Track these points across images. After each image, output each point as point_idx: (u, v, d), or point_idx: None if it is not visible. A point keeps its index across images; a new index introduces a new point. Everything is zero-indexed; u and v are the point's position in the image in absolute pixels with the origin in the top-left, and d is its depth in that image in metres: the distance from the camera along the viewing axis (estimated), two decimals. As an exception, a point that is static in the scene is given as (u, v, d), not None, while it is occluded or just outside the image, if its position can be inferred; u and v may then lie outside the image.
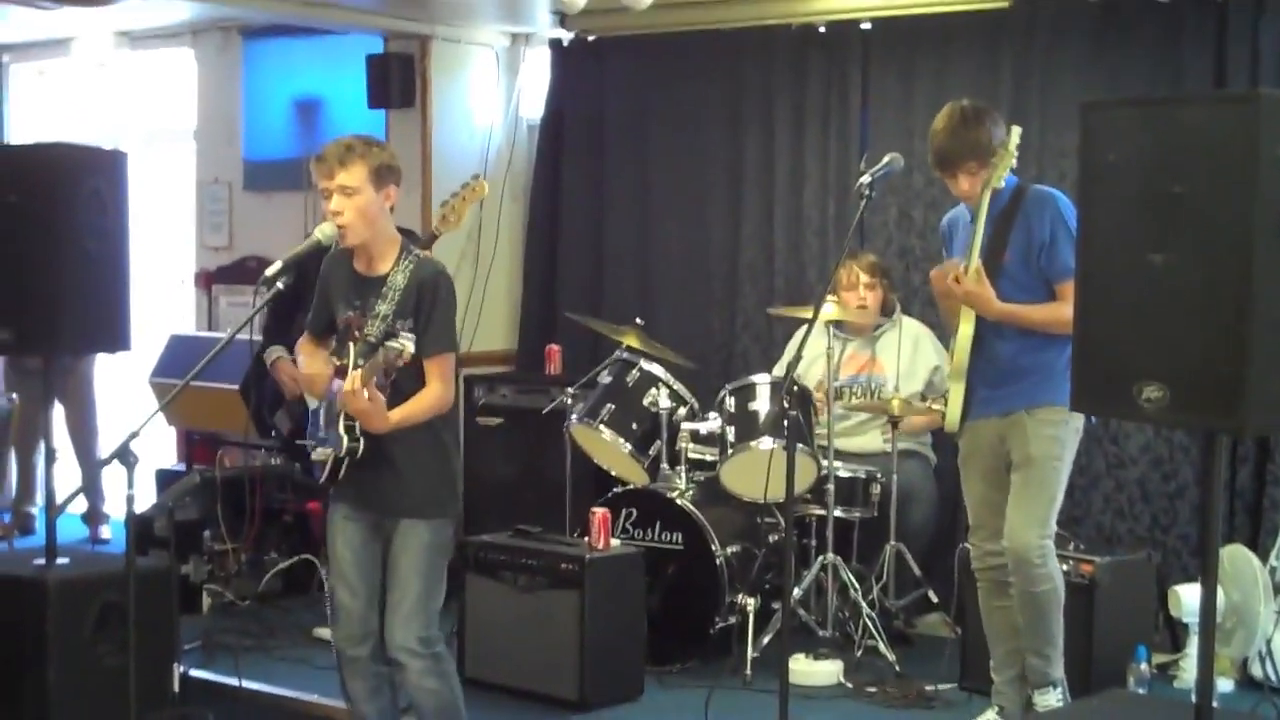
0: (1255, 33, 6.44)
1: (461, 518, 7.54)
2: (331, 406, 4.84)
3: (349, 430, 4.75)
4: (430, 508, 4.86)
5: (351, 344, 4.78)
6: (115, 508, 8.50)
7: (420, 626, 4.81)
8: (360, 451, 4.77)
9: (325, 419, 4.88)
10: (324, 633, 6.68)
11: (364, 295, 4.82)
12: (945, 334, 6.83)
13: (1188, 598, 6.06)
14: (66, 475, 7.28)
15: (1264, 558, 6.17)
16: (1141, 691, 5.67)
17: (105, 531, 8.68)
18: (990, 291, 5.18)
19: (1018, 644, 5.45)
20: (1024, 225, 5.22)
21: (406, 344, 4.52)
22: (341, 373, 4.78)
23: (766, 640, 6.29)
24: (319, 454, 4.91)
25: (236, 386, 6.98)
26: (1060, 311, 4.99)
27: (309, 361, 5.03)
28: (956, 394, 5.34)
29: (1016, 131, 5.18)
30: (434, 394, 4.77)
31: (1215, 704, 3.70)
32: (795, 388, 5.77)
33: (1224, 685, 6.03)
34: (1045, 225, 5.21)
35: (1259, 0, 6.41)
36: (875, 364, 6.98)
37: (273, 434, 6.86)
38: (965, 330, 5.29)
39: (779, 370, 6.90)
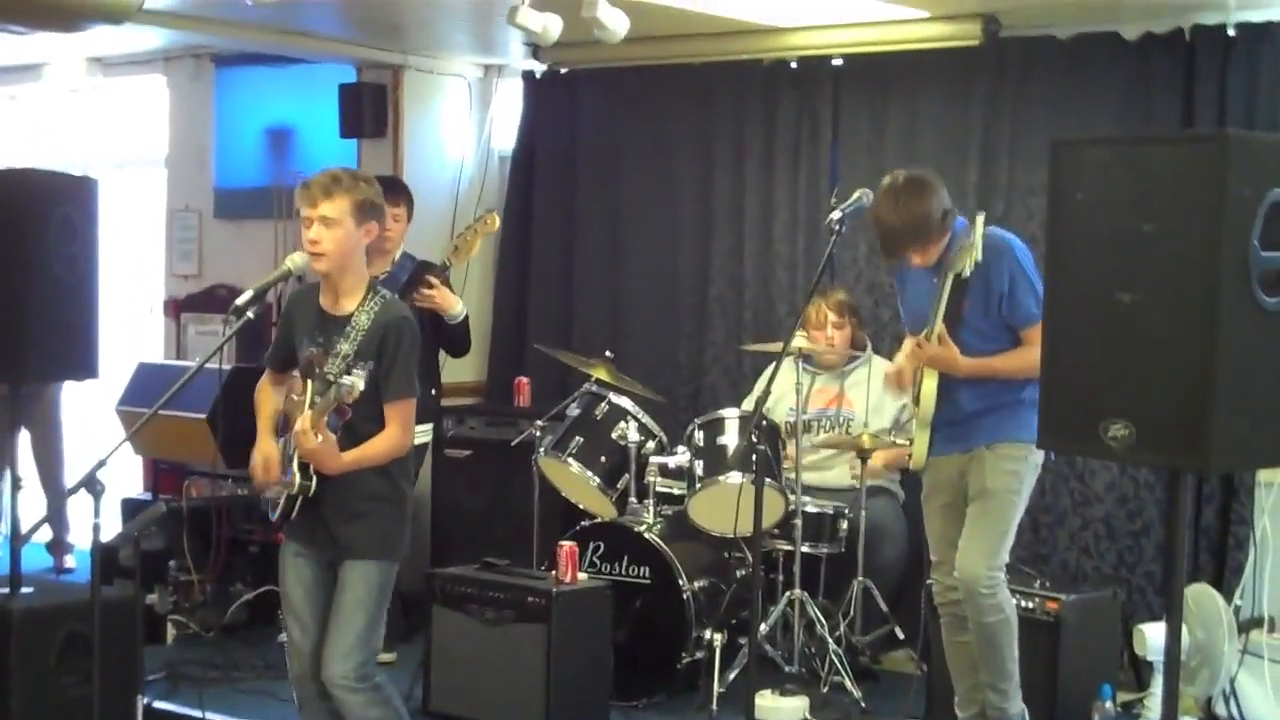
0: (1223, 72, 6.48)
1: (426, 552, 7.56)
2: (289, 444, 4.84)
3: (302, 469, 4.75)
4: (379, 549, 4.84)
5: (310, 381, 4.77)
6: (81, 537, 8.45)
7: (356, 665, 4.78)
8: (311, 490, 4.75)
9: (282, 456, 4.88)
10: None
11: (327, 332, 4.81)
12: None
13: (1153, 636, 6.07)
14: (32, 503, 7.23)
15: (1229, 596, 6.19)
16: (1106, 729, 5.68)
17: (70, 561, 8.62)
18: (955, 352, 5.22)
19: (979, 679, 5.46)
20: (981, 275, 5.21)
21: (357, 381, 4.51)
22: (299, 409, 4.77)
23: (733, 675, 6.27)
24: (270, 492, 4.90)
25: (204, 415, 6.96)
26: (1028, 356, 5.02)
27: (265, 402, 5.02)
28: (922, 438, 5.38)
29: (980, 219, 5.14)
30: (391, 439, 4.76)
31: (1180, 742, 3.70)
32: (764, 422, 5.79)
33: (1188, 723, 6.04)
34: (1004, 276, 5.23)
35: (1227, 40, 6.45)
36: (844, 399, 6.99)
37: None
38: (929, 387, 5.33)
39: (748, 404, 6.91)
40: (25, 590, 5.61)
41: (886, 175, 5.41)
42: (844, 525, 6.61)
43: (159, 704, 6.08)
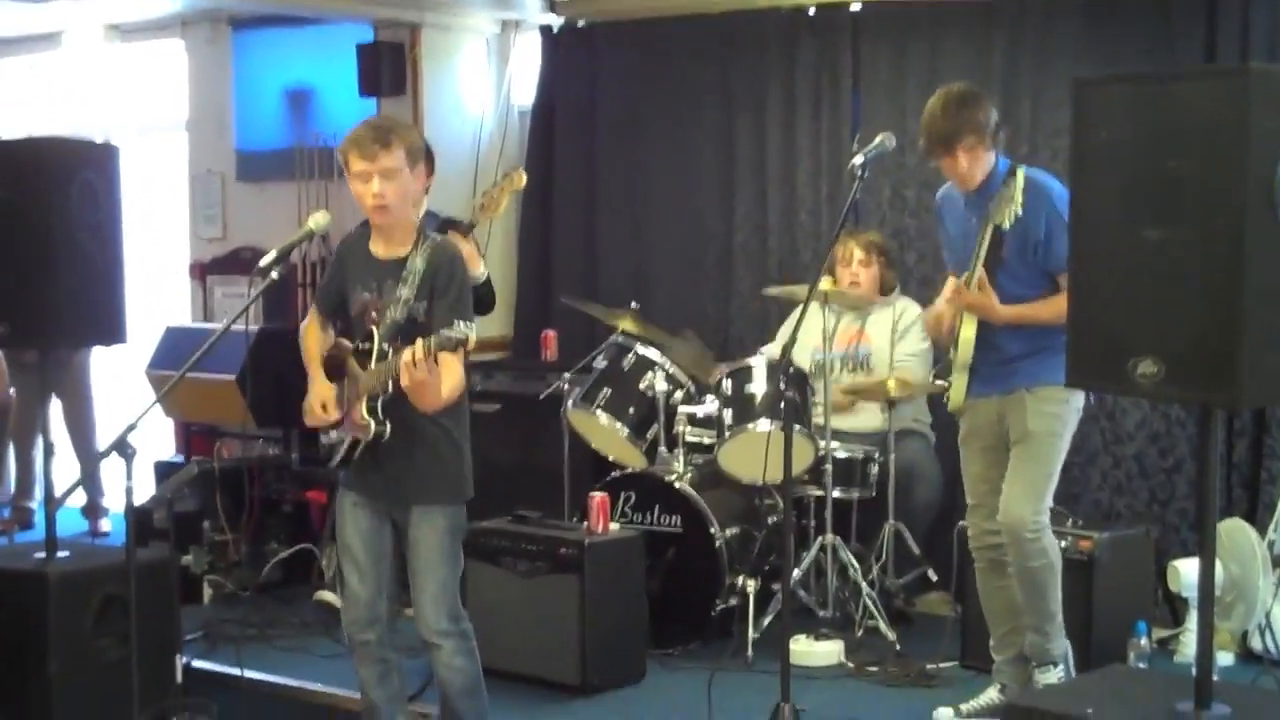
0: (1245, 8, 6.44)
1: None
2: (346, 387, 4.83)
3: (372, 411, 4.75)
4: (445, 494, 4.88)
5: (374, 328, 4.77)
6: (114, 500, 8.50)
7: (449, 607, 4.85)
8: (386, 434, 4.76)
9: (341, 399, 4.87)
10: (326, 595, 6.73)
11: (381, 278, 4.81)
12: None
13: (1186, 572, 6.08)
14: (65, 469, 7.28)
15: (1262, 531, 6.18)
16: (1142, 666, 5.68)
17: (105, 524, 8.68)
18: (994, 299, 5.18)
19: (1017, 623, 5.46)
20: (1021, 221, 5.16)
21: (469, 331, 4.48)
22: (363, 356, 4.77)
23: (767, 621, 6.30)
24: (333, 435, 4.90)
25: (233, 377, 6.99)
26: (1066, 303, 5.00)
27: (312, 343, 5.01)
28: (960, 380, 5.36)
29: (1021, 171, 5.14)
30: (459, 372, 4.76)
31: (1215, 677, 3.71)
32: (791, 369, 5.79)
33: (1224, 659, 6.04)
34: (1041, 222, 5.18)
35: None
36: (863, 336, 6.97)
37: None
38: (968, 334, 5.31)
39: (774, 350, 6.90)
40: (61, 554, 5.65)
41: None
42: (874, 469, 6.62)
43: (198, 663, 6.10)
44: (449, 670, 4.89)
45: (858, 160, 5.17)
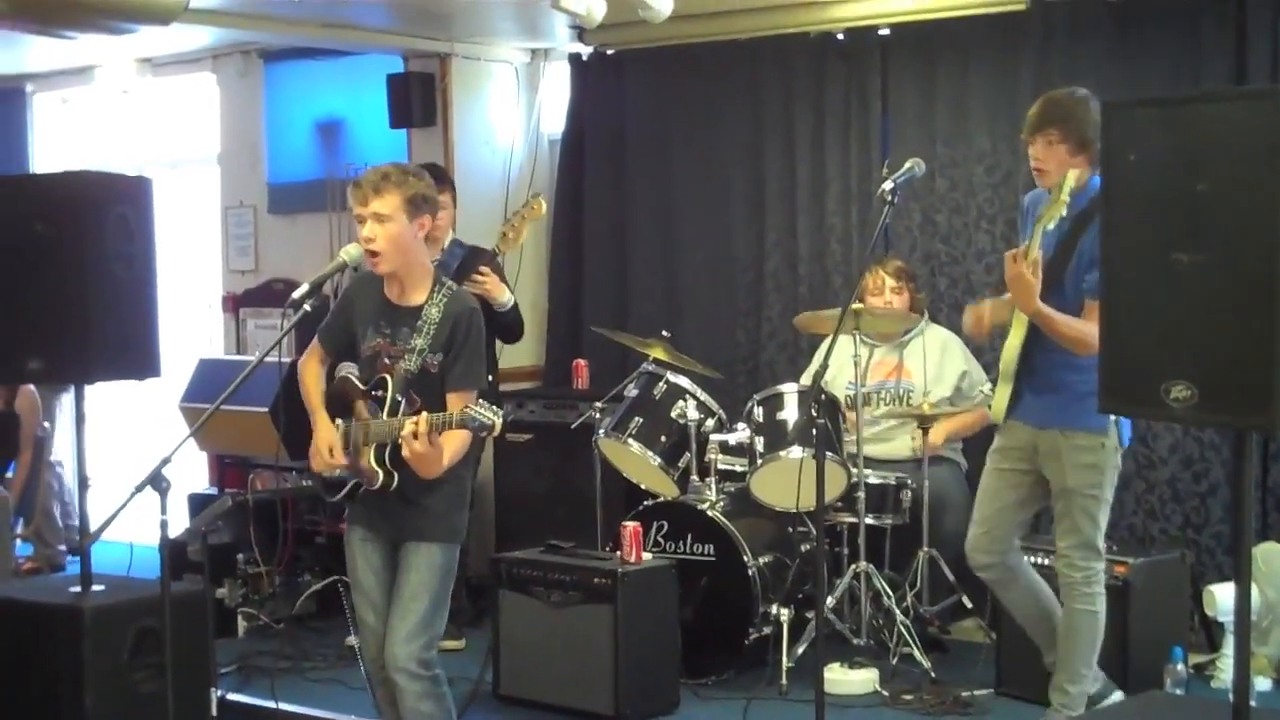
0: (1275, 28, 6.42)
1: (491, 536, 7.59)
2: (353, 430, 4.85)
3: (381, 461, 4.77)
4: (442, 531, 4.87)
5: (388, 376, 4.79)
6: (149, 534, 8.51)
7: (420, 647, 4.80)
8: (393, 485, 4.78)
9: (345, 440, 4.89)
10: (356, 641, 6.74)
11: (394, 324, 4.84)
12: (975, 348, 6.85)
13: (1222, 597, 6.04)
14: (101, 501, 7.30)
15: (1299, 554, 6.15)
16: (1179, 692, 5.64)
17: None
18: (1038, 286, 5.13)
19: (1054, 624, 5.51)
20: (1088, 242, 5.12)
21: (496, 419, 4.48)
22: (373, 402, 4.79)
23: (801, 650, 6.29)
24: (336, 472, 4.92)
25: (266, 409, 7.00)
26: (1085, 329, 5.00)
27: (312, 383, 5.03)
28: (1004, 391, 5.36)
29: (1072, 175, 5.08)
30: (463, 438, 4.75)
31: (1253, 703, 3.68)
32: (822, 396, 5.79)
33: (1262, 684, 6.01)
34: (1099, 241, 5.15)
35: (1278, -5, 6.40)
36: (903, 370, 6.96)
37: None
38: (1015, 339, 5.30)
39: (806, 379, 6.90)
40: (96, 588, 5.66)
41: None
42: (907, 496, 6.60)
43: (232, 696, 6.12)
44: (415, 715, 4.84)
45: (887, 186, 5.17)
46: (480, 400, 4.57)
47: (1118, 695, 5.55)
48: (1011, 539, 5.54)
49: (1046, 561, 5.67)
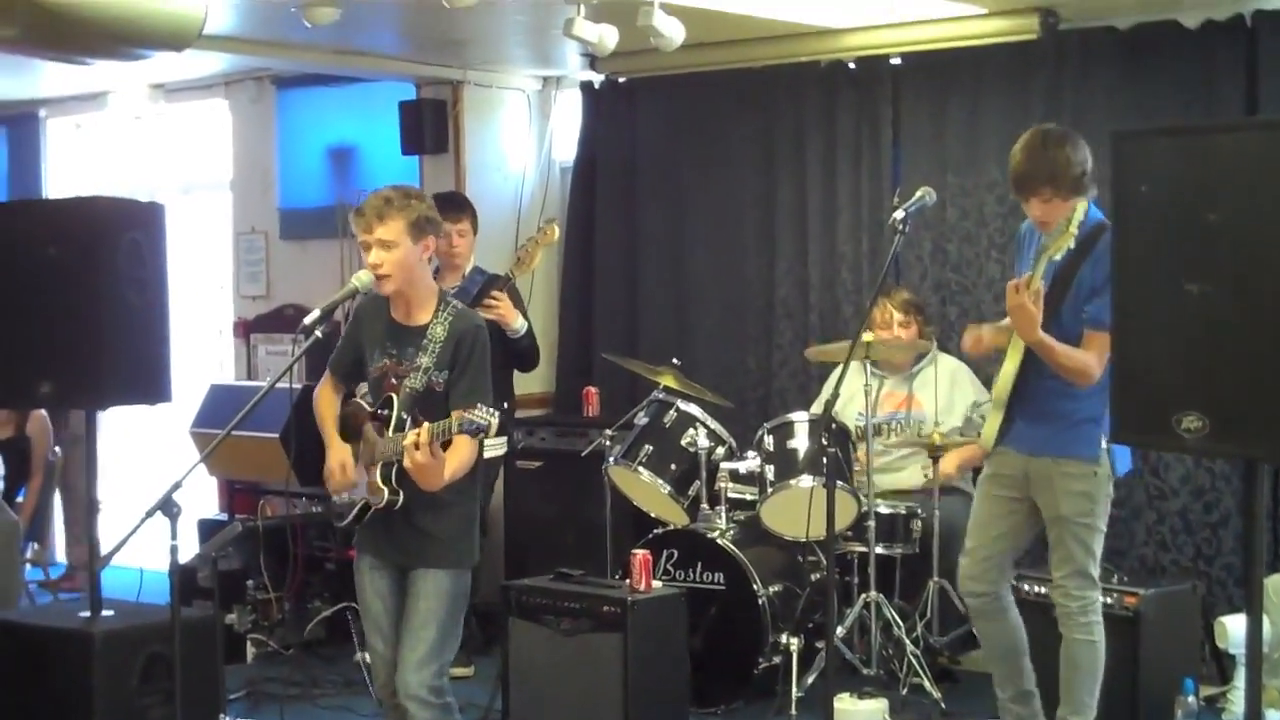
0: (1287, 57, 6.43)
1: (500, 564, 7.58)
2: (362, 451, 4.85)
3: (386, 480, 4.77)
4: (451, 557, 4.87)
5: (394, 395, 4.80)
6: (158, 559, 8.52)
7: (432, 675, 4.79)
8: (399, 503, 4.78)
9: (357, 464, 4.89)
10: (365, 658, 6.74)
11: (401, 344, 4.85)
12: (976, 367, 6.84)
13: (1234, 628, 6.02)
14: (111, 526, 7.31)
15: (1310, 586, 6.13)
16: (1190, 724, 5.63)
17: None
18: (1039, 316, 5.12)
19: (1018, 662, 5.51)
20: (1087, 272, 5.13)
21: (492, 419, 4.50)
22: (380, 422, 4.79)
23: (811, 679, 6.27)
24: (344, 496, 4.92)
25: (277, 435, 7.01)
26: (1085, 359, 5.01)
27: (326, 408, 5.04)
28: (995, 418, 5.35)
29: (1081, 207, 5.08)
30: (468, 448, 4.76)
31: (1265, 735, 3.67)
32: (833, 425, 5.78)
33: (1273, 717, 5.97)
34: (1103, 274, 5.14)
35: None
36: (913, 401, 6.95)
37: None
38: (1009, 367, 5.29)
39: (817, 408, 6.89)
40: (106, 613, 5.67)
41: None
42: (917, 525, 6.59)
43: (241, 722, 6.13)
44: None
45: (898, 215, 5.17)
46: (477, 405, 4.57)
47: None
48: (1006, 569, 5.52)
49: (1042, 590, 5.66)
